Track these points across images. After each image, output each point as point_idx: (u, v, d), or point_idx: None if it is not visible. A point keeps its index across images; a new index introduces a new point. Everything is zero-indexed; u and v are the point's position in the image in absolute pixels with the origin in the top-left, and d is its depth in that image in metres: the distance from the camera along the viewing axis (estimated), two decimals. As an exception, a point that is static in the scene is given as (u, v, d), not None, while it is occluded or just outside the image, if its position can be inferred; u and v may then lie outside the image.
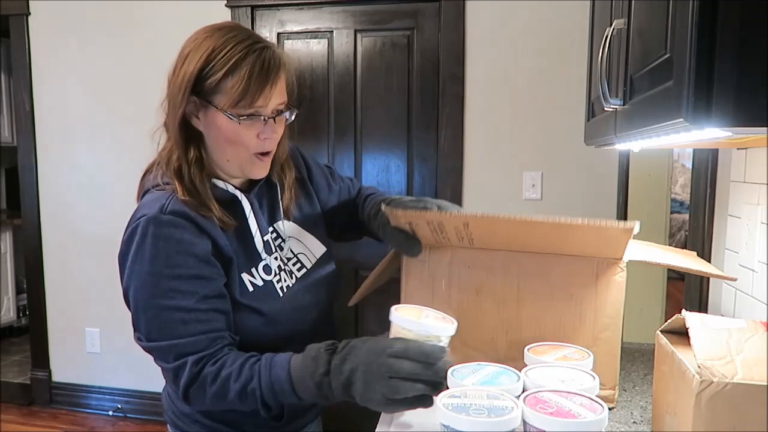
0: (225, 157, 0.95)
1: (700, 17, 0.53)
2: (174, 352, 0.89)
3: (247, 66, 0.89)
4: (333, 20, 2.59)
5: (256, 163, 0.96)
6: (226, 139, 0.93)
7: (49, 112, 2.94)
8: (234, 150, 0.94)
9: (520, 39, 2.40)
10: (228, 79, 0.89)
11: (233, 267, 0.96)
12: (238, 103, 0.89)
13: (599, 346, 0.95)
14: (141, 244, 0.89)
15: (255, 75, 0.89)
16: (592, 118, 1.30)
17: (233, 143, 0.93)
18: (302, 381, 0.84)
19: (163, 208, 0.91)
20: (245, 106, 0.90)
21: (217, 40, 0.91)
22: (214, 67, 0.89)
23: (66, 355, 3.07)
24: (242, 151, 0.94)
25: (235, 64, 0.88)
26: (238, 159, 0.95)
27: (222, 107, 0.90)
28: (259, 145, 0.94)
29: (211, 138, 0.95)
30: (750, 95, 0.52)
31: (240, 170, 0.97)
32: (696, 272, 1.03)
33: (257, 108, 0.91)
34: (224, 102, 0.90)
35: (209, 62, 0.90)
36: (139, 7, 2.77)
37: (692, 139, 0.73)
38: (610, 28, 0.95)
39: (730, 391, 0.63)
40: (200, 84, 0.91)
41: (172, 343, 0.89)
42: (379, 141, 2.61)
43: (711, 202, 1.44)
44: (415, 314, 0.87)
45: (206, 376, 0.88)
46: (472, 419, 0.66)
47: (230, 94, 0.89)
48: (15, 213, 3.76)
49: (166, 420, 1.10)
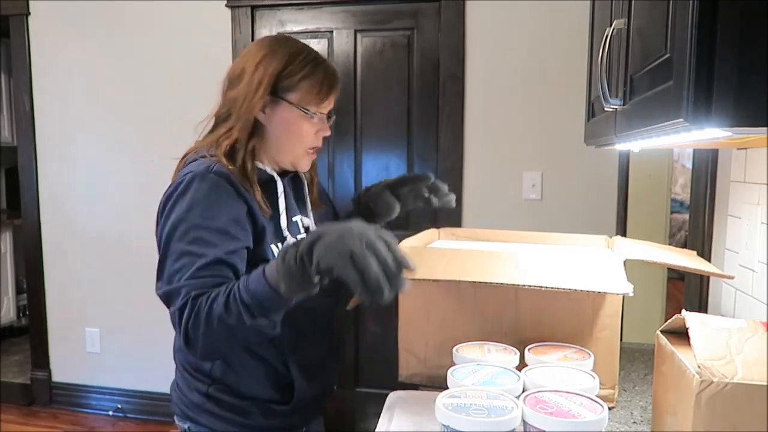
0: (283, 147, 1.09)
1: (700, 17, 0.53)
2: (183, 293, 0.93)
3: (322, 72, 1.06)
4: (333, 20, 2.59)
5: (306, 157, 1.12)
6: (291, 132, 1.07)
7: (49, 112, 2.94)
8: (293, 142, 1.09)
9: (520, 39, 2.40)
10: (305, 80, 1.05)
11: (266, 235, 1.04)
12: (311, 101, 1.06)
13: (598, 345, 0.95)
14: (182, 194, 0.99)
15: (327, 81, 1.06)
16: (592, 118, 1.30)
17: (295, 136, 1.08)
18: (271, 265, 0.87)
19: (209, 168, 1.01)
20: (315, 104, 1.07)
21: (290, 48, 1.07)
22: (293, 69, 1.05)
23: (66, 355, 3.07)
24: (299, 144, 1.09)
25: (312, 69, 1.05)
26: (294, 151, 1.09)
27: (296, 103, 1.05)
28: (314, 141, 1.10)
29: (275, 130, 1.08)
30: (750, 95, 0.52)
31: (291, 161, 1.11)
32: (695, 271, 1.03)
33: (322, 108, 1.08)
34: (299, 99, 1.05)
35: (288, 65, 1.05)
36: (139, 7, 2.77)
37: (692, 139, 0.73)
38: (610, 28, 0.95)
39: (730, 391, 0.63)
40: (277, 84, 1.05)
41: (183, 284, 0.93)
42: (379, 141, 2.62)
43: (711, 202, 1.44)
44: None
45: (200, 306, 0.91)
46: (471, 419, 0.66)
47: (306, 92, 1.05)
48: (15, 213, 3.75)
49: (175, 412, 1.15)
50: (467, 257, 0.99)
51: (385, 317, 0.91)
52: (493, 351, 0.90)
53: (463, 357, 0.88)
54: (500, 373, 0.81)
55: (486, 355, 0.88)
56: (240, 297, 0.88)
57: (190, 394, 1.11)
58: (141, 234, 2.88)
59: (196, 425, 1.11)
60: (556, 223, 2.06)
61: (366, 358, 2.65)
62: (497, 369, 0.83)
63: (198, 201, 0.98)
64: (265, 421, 1.09)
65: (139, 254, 2.90)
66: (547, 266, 0.95)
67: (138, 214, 2.88)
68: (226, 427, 1.09)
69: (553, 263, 0.97)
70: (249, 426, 1.09)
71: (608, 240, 1.28)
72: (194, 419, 1.11)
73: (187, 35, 2.74)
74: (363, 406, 2.62)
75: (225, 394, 1.09)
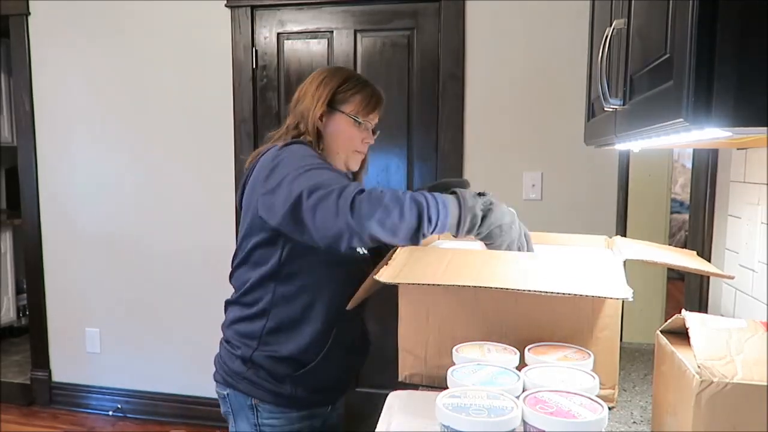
0: (337, 149, 1.32)
1: (700, 17, 0.53)
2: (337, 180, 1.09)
3: (370, 91, 1.34)
4: (333, 20, 2.59)
5: (355, 157, 1.35)
6: (343, 136, 1.32)
7: (49, 112, 2.94)
8: (345, 145, 1.33)
9: (520, 39, 2.40)
10: (357, 95, 1.32)
11: None
12: (360, 112, 1.32)
13: (598, 345, 0.95)
14: (290, 150, 1.20)
15: (374, 97, 1.34)
16: (592, 118, 1.30)
17: (346, 140, 1.32)
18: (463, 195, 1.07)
19: (300, 141, 1.26)
20: (364, 115, 1.33)
21: (345, 72, 1.36)
22: (348, 86, 1.32)
23: (66, 355, 3.07)
24: (349, 147, 1.33)
25: (362, 87, 1.33)
26: (346, 151, 1.33)
27: (348, 113, 1.31)
28: (360, 146, 1.35)
29: (330, 135, 1.31)
30: (750, 95, 0.52)
31: (344, 160, 1.34)
32: (695, 271, 1.03)
33: (368, 120, 1.34)
34: (351, 109, 1.31)
35: (344, 83, 1.32)
36: (139, 7, 2.77)
37: (692, 139, 0.73)
38: (610, 28, 0.95)
39: (730, 391, 0.63)
40: (334, 97, 1.31)
41: (335, 178, 1.11)
42: (378, 141, 2.57)
43: (711, 202, 1.44)
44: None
45: (373, 189, 1.06)
46: (471, 419, 0.66)
47: (357, 105, 1.32)
48: (15, 213, 3.75)
49: (217, 380, 1.34)
50: (467, 258, 0.99)
51: (385, 317, 0.92)
52: (493, 351, 0.90)
53: (463, 357, 0.88)
54: (500, 373, 0.81)
55: (486, 355, 0.88)
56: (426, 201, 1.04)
57: (231, 363, 1.29)
58: (141, 234, 2.89)
59: (235, 391, 1.29)
60: (556, 223, 2.06)
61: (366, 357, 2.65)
62: (497, 369, 0.83)
63: (306, 151, 1.21)
64: (295, 391, 1.27)
65: (139, 254, 2.90)
66: (547, 268, 0.94)
67: (138, 214, 2.88)
68: (263, 394, 1.27)
69: (553, 265, 0.97)
70: (281, 395, 1.27)
71: (608, 240, 1.28)
72: (234, 386, 1.29)
73: (187, 35, 2.74)
74: (363, 406, 2.62)
75: (266, 360, 1.26)
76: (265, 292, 1.26)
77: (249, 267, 1.28)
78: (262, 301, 1.26)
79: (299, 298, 1.25)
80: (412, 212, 1.03)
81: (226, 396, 1.32)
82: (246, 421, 1.29)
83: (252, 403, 1.28)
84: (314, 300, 1.25)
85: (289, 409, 1.28)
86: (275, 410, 1.28)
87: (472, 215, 1.05)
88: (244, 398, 1.28)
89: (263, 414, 1.28)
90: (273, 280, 1.25)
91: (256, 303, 1.27)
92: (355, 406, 0.86)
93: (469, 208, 1.05)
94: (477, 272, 0.92)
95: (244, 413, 1.29)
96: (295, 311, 1.25)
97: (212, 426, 2.72)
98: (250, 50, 2.66)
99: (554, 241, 1.31)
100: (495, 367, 0.83)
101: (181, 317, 2.85)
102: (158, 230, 2.86)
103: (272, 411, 1.28)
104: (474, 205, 1.06)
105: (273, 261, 1.24)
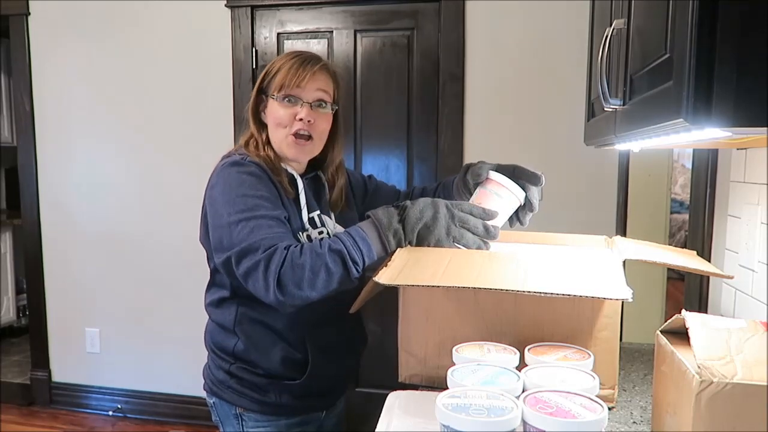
0: (274, 137, 1.21)
1: (700, 17, 0.53)
2: (264, 244, 1.04)
3: (291, 62, 1.19)
4: (333, 20, 2.59)
5: (292, 144, 1.20)
6: (274, 120, 1.20)
7: (49, 112, 2.94)
8: (278, 131, 1.20)
9: (520, 39, 2.40)
10: (278, 74, 1.19)
11: (293, 223, 1.16)
12: (281, 88, 1.18)
13: (598, 345, 0.95)
14: (227, 177, 1.13)
15: (295, 67, 1.18)
16: (592, 118, 1.30)
17: (278, 124, 1.20)
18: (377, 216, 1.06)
19: (243, 158, 1.17)
20: (287, 89, 1.18)
21: (286, 55, 1.24)
22: (272, 67, 1.22)
23: (66, 355, 3.07)
24: (282, 131, 1.19)
25: (283, 64, 1.20)
26: (279, 138, 1.20)
27: (271, 94, 1.20)
28: (294, 124, 1.18)
29: (269, 124, 1.22)
30: (750, 95, 0.52)
31: (281, 149, 1.21)
32: (695, 271, 1.03)
33: (297, 92, 1.18)
34: (273, 89, 1.19)
35: (272, 66, 1.22)
36: (139, 7, 2.77)
37: (692, 139, 0.73)
38: (610, 28, 0.95)
39: (730, 391, 0.63)
40: (262, 83, 1.23)
41: (262, 237, 1.05)
42: (378, 141, 2.61)
43: (711, 202, 1.44)
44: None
45: (294, 253, 1.02)
46: (472, 419, 0.66)
47: (282, 79, 1.18)
48: (15, 213, 3.75)
49: (205, 389, 1.31)
50: (467, 258, 0.99)
51: (385, 317, 0.92)
52: (493, 351, 0.90)
53: (463, 357, 0.88)
54: (500, 373, 0.81)
55: (486, 355, 0.88)
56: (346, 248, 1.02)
57: (216, 372, 1.26)
58: (141, 234, 2.89)
59: (221, 400, 1.26)
60: (556, 223, 2.05)
61: (366, 358, 2.65)
62: (497, 369, 0.83)
63: (244, 179, 1.12)
64: (281, 399, 1.22)
65: (139, 254, 2.90)
66: (546, 268, 0.94)
67: (138, 214, 2.88)
68: (247, 403, 1.23)
69: (553, 265, 0.97)
70: (266, 403, 1.22)
71: (608, 240, 1.28)
72: (219, 395, 1.26)
73: (187, 35, 2.74)
74: (363, 406, 2.62)
75: (245, 373, 1.21)
76: (229, 312, 1.22)
77: (215, 285, 1.26)
78: (228, 321, 1.22)
79: (263, 317, 1.20)
80: (336, 263, 1.02)
81: (213, 405, 1.29)
82: (233, 430, 1.26)
83: (237, 412, 1.24)
84: (278, 318, 1.19)
85: (276, 417, 1.24)
86: (261, 419, 1.23)
87: (393, 231, 1.04)
88: (229, 407, 1.25)
89: (248, 423, 1.24)
90: (234, 301, 1.22)
91: (224, 320, 1.23)
92: (355, 406, 0.86)
93: (386, 226, 1.04)
94: (477, 273, 0.92)
95: (230, 422, 1.26)
96: (262, 330, 1.20)
97: (212, 426, 2.72)
98: (250, 50, 2.66)
99: (554, 241, 1.30)
100: (495, 367, 0.83)
101: (181, 317, 2.85)
102: (158, 230, 2.86)
103: (258, 420, 1.23)
104: (390, 221, 1.05)
105: (230, 283, 1.20)
